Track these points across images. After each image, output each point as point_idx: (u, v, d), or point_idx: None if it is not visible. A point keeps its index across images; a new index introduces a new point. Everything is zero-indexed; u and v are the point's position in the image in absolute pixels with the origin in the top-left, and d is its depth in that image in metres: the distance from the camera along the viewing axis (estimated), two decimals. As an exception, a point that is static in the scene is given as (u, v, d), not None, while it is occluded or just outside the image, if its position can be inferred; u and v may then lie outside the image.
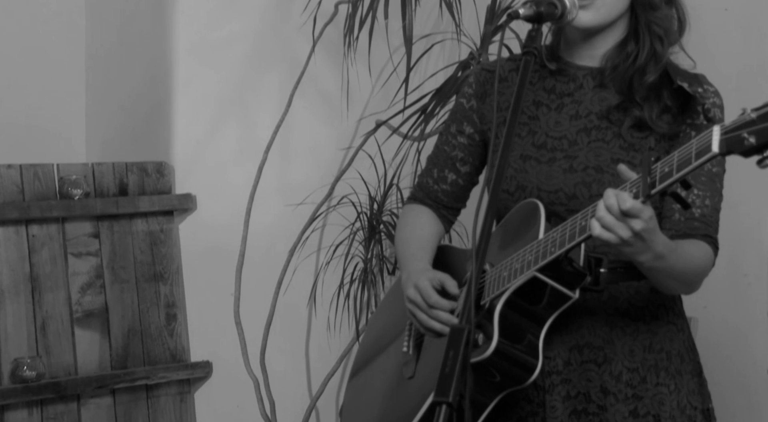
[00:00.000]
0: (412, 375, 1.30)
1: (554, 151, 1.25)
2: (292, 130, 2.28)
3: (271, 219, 2.28)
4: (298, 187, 2.30)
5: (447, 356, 0.88)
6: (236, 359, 2.21)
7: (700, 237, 1.22)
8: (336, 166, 2.32)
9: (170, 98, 2.22)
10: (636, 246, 1.10)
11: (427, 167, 1.38)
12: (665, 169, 1.05)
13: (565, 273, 1.16)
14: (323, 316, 2.30)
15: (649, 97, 1.24)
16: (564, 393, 1.23)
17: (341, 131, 2.34)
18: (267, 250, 2.28)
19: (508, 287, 1.18)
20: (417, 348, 1.31)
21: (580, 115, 1.26)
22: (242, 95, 2.26)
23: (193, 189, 2.24)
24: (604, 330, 1.25)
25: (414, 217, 1.37)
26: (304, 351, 2.35)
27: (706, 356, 1.34)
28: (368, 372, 1.40)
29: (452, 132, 1.35)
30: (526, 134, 1.27)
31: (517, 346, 1.17)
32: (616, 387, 1.24)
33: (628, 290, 1.25)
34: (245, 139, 2.28)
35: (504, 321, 1.17)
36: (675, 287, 1.22)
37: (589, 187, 1.23)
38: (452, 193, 1.36)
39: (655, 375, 1.25)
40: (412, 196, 1.40)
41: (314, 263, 2.32)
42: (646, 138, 1.23)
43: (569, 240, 1.13)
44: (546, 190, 1.24)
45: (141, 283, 2.13)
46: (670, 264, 1.14)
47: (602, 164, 1.23)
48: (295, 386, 2.32)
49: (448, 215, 1.39)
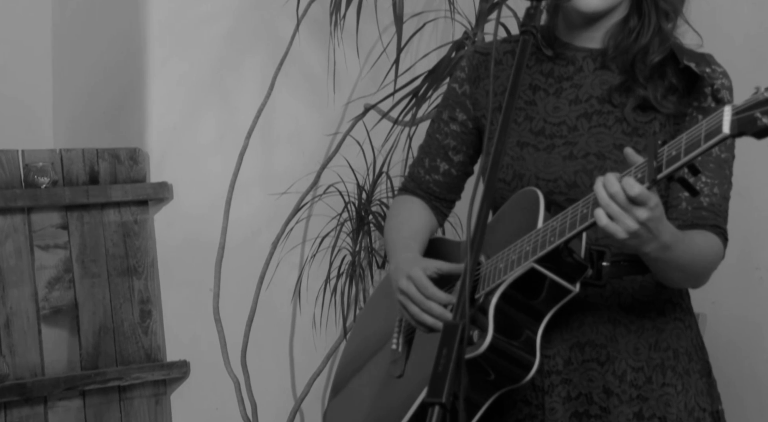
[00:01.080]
0: (401, 373, 1.29)
1: (553, 138, 1.24)
2: (274, 114, 2.25)
3: (253, 209, 2.26)
4: (282, 175, 2.28)
5: (440, 354, 0.87)
6: (215, 358, 2.19)
7: (708, 228, 1.20)
8: (322, 152, 2.30)
9: (144, 79, 2.18)
10: (641, 236, 1.08)
11: (419, 157, 1.36)
12: (672, 152, 1.03)
13: (565, 264, 1.14)
14: (308, 313, 2.29)
15: (653, 76, 1.22)
16: (564, 394, 1.22)
17: (327, 116, 2.31)
18: (248, 243, 2.26)
19: (504, 279, 1.16)
20: (407, 345, 1.30)
21: (580, 99, 1.24)
22: (222, 77, 2.24)
23: (169, 177, 2.21)
24: (606, 327, 1.23)
25: (404, 208, 1.36)
26: (287, 349, 2.33)
27: (714, 355, 1.33)
28: (355, 372, 1.39)
29: (444, 119, 1.33)
30: (523, 120, 1.26)
31: (513, 342, 1.15)
32: (619, 388, 1.22)
33: (633, 285, 1.23)
34: (225, 124, 2.26)
35: (499, 315, 1.15)
36: (681, 280, 1.20)
37: (591, 175, 1.21)
38: (445, 183, 1.35)
39: (662, 374, 1.23)
40: (403, 187, 1.38)
41: (299, 256, 2.32)
42: (651, 122, 1.22)
43: (570, 229, 1.11)
44: (545, 179, 1.22)
45: (113, 278, 2.11)
46: (676, 255, 1.13)
47: (604, 150, 1.22)
48: (278, 387, 2.31)
49: (442, 207, 1.37)
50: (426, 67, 2.13)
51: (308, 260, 2.25)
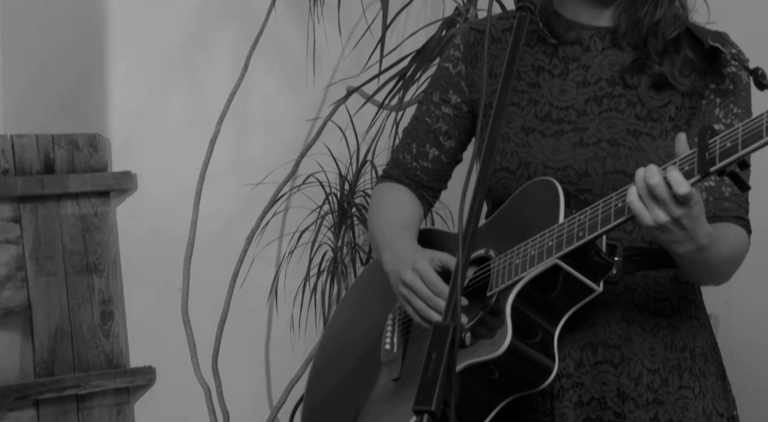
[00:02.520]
0: (398, 376, 1.26)
1: (561, 123, 1.22)
2: (248, 97, 2.22)
3: (225, 201, 2.25)
4: (257, 164, 2.26)
5: (429, 358, 0.86)
6: (184, 364, 2.16)
7: (732, 220, 1.19)
8: (300, 139, 2.29)
9: (105, 59, 2.15)
10: (671, 232, 1.06)
11: (404, 141, 1.34)
12: (727, 144, 1.00)
13: (591, 262, 1.12)
14: (286, 314, 2.27)
15: (667, 50, 1.21)
16: (576, 399, 1.20)
17: (306, 99, 2.30)
18: (220, 238, 2.25)
19: (524, 275, 1.13)
20: (403, 344, 1.27)
21: (588, 81, 1.22)
22: (190, 56, 2.21)
23: (133, 166, 2.19)
24: (620, 326, 1.21)
25: (390, 196, 1.33)
26: (263, 354, 2.32)
27: (728, 358, 1.31)
28: (336, 374, 1.36)
29: (435, 101, 1.31)
30: (527, 104, 1.24)
31: (531, 344, 1.13)
32: (635, 391, 1.20)
33: (646, 281, 1.21)
34: (194, 108, 2.23)
35: (516, 314, 1.13)
36: (710, 278, 1.19)
37: (603, 163, 1.19)
38: (433, 171, 1.32)
39: (678, 376, 1.21)
40: (385, 173, 1.36)
41: (275, 252, 2.29)
42: (666, 105, 1.20)
43: (602, 225, 1.09)
44: (553, 167, 1.20)
45: (71, 276, 2.07)
46: (711, 256, 1.11)
47: (617, 137, 1.20)
48: (252, 394, 2.29)
49: (428, 196, 1.35)
50: (414, 46, 2.11)
51: (286, 257, 2.24)
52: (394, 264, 1.23)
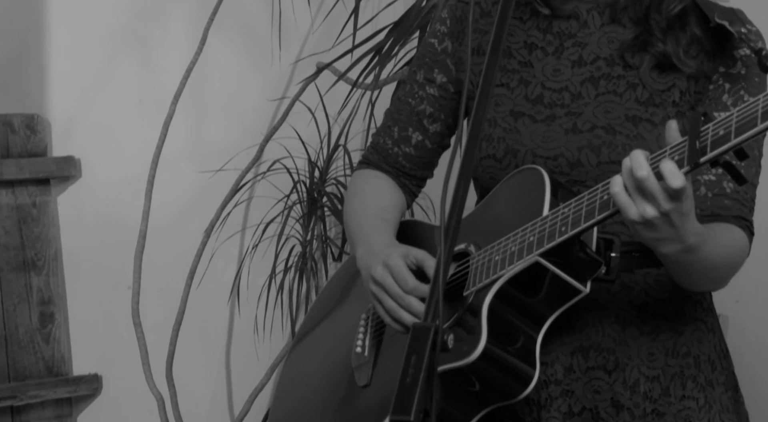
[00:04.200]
0: (368, 382, 1.24)
1: (553, 107, 1.20)
2: (207, 74, 2.19)
3: (181, 189, 2.21)
4: (216, 148, 2.22)
5: (408, 362, 0.84)
6: (134, 371, 2.11)
7: (732, 220, 1.16)
8: (265, 121, 2.26)
9: (43, 30, 2.10)
10: (658, 230, 1.03)
11: (386, 124, 1.31)
12: (720, 132, 0.97)
13: (576, 260, 1.09)
14: (249, 315, 2.23)
15: (672, 27, 1.17)
16: (565, 408, 1.17)
17: (272, 77, 2.26)
18: (175, 230, 2.21)
19: (502, 274, 1.11)
20: (375, 347, 1.26)
21: (585, 60, 1.20)
22: (141, 27, 2.17)
23: (77, 150, 2.13)
24: (615, 328, 1.18)
25: (369, 184, 1.31)
26: (223, 359, 2.27)
27: (738, 362, 1.29)
28: (307, 379, 1.34)
29: (419, 81, 1.28)
30: (517, 85, 1.21)
31: (510, 350, 1.11)
32: (631, 401, 1.17)
33: (646, 279, 1.18)
34: (146, 86, 2.19)
35: (493, 317, 1.11)
36: (701, 284, 1.17)
37: (598, 152, 1.16)
38: (417, 157, 1.30)
39: (681, 385, 1.19)
40: (365, 159, 1.34)
41: (237, 246, 2.26)
42: (669, 90, 1.17)
43: (586, 219, 1.06)
44: (543, 156, 1.18)
45: (5, 273, 2.05)
46: (700, 258, 1.08)
47: (614, 123, 1.17)
48: (211, 404, 2.27)
49: (411, 185, 1.32)
50: (390, 18, 2.08)
51: (249, 251, 2.20)
52: (366, 259, 1.21)
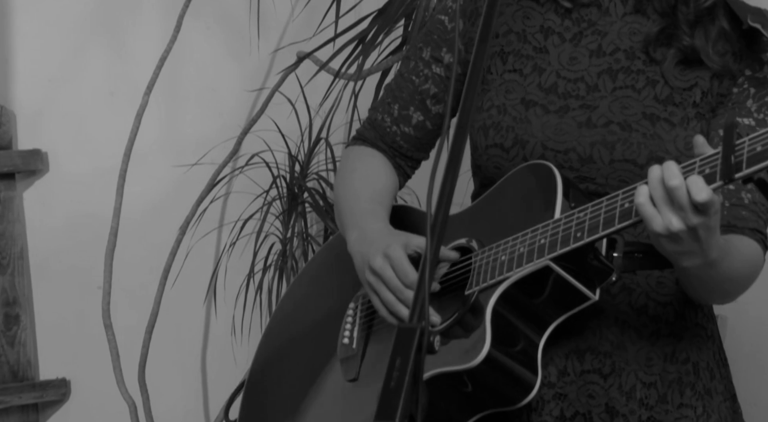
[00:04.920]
0: (356, 376, 1.23)
1: (567, 98, 1.18)
2: (182, 64, 2.15)
3: (155, 184, 2.19)
4: (192, 141, 2.19)
5: (392, 365, 0.83)
6: (104, 375, 2.07)
7: (747, 232, 1.15)
8: (243, 113, 2.22)
9: (8, 17, 2.07)
10: (683, 243, 1.03)
11: (385, 100, 1.29)
12: (757, 148, 0.97)
13: (589, 267, 1.09)
14: (226, 316, 2.18)
15: (700, 20, 1.16)
16: (557, 412, 1.16)
17: (250, 67, 2.22)
18: (149, 227, 2.18)
19: (509, 276, 1.10)
20: (364, 340, 1.24)
21: (604, 50, 1.18)
22: (112, 14, 2.14)
23: (44, 143, 2.11)
24: (612, 331, 1.17)
25: (363, 163, 1.29)
26: (199, 363, 2.24)
27: (736, 366, 1.29)
28: (283, 366, 1.32)
29: (425, 58, 1.26)
30: (531, 72, 1.19)
31: (513, 355, 1.11)
32: (626, 407, 1.16)
33: (648, 281, 1.17)
34: (117, 76, 2.16)
35: (498, 320, 1.10)
36: (713, 297, 1.17)
37: (612, 149, 1.15)
38: (416, 138, 1.28)
39: (679, 393, 1.17)
40: (359, 135, 1.31)
41: (214, 244, 2.23)
42: (691, 88, 1.16)
43: (605, 226, 1.05)
44: (553, 149, 1.17)
45: None
46: (718, 273, 1.08)
47: (630, 119, 1.16)
48: (186, 410, 2.23)
49: (406, 166, 1.30)
50: (374, 5, 2.03)
51: (226, 249, 2.15)
52: (361, 245, 1.19)
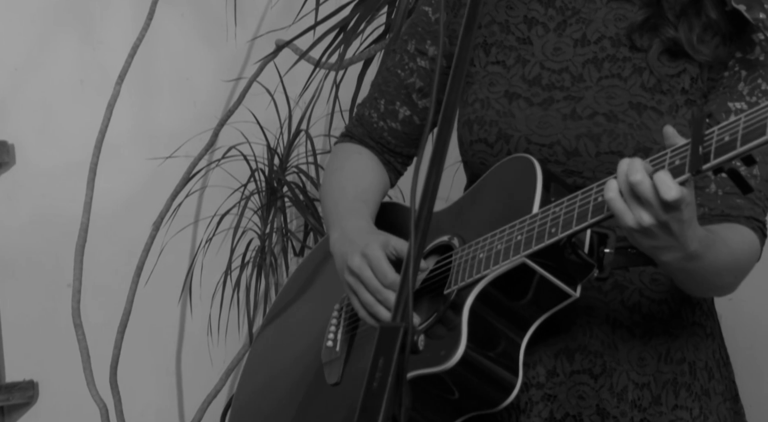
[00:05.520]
0: (338, 380, 1.23)
1: (551, 89, 1.18)
2: (155, 52, 2.14)
3: (127, 178, 2.17)
4: (166, 133, 2.18)
5: (375, 365, 0.83)
6: (74, 377, 2.06)
7: (743, 221, 1.14)
8: (220, 104, 2.20)
9: None
10: (656, 237, 1.03)
11: (372, 96, 1.30)
12: (725, 138, 0.96)
13: (567, 263, 1.08)
14: (202, 315, 2.15)
15: (686, 12, 1.15)
16: (546, 414, 1.16)
17: (226, 56, 2.21)
18: (121, 223, 2.17)
19: (486, 274, 1.10)
20: (347, 343, 1.25)
21: (589, 39, 1.18)
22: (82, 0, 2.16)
23: (9, 135, 2.12)
24: (604, 329, 1.16)
25: (350, 160, 1.30)
26: (174, 363, 2.21)
27: (733, 365, 1.25)
28: (272, 370, 1.32)
29: (410, 51, 1.27)
30: (514, 63, 1.20)
31: (491, 356, 1.10)
32: (618, 409, 1.15)
33: (641, 278, 1.17)
34: (87, 65, 2.15)
35: (475, 320, 1.10)
36: (705, 290, 1.16)
37: (597, 141, 1.15)
38: (403, 134, 1.28)
39: (674, 394, 1.17)
40: (347, 132, 1.32)
41: (190, 240, 2.20)
42: (679, 75, 1.16)
43: (578, 221, 1.05)
44: (538, 143, 1.17)
45: None
46: (704, 265, 1.07)
47: (617, 110, 1.16)
48: (160, 413, 2.21)
49: (396, 163, 1.30)
50: None
51: (202, 246, 2.12)
52: (341, 245, 1.19)
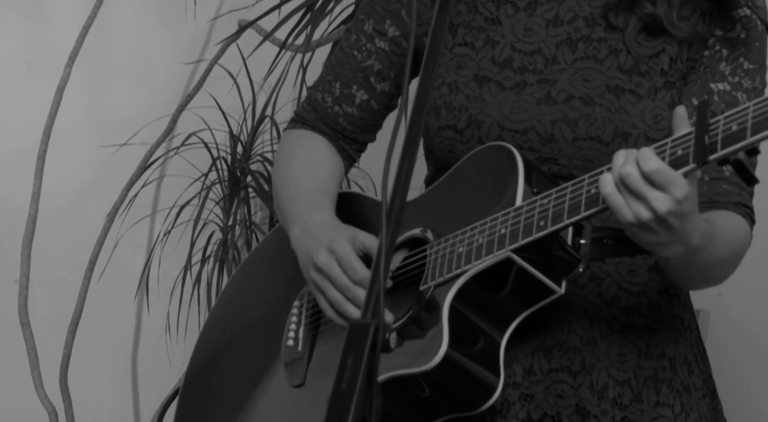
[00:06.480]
0: (301, 382, 1.23)
1: (524, 72, 1.19)
2: (108, 32, 2.11)
3: (78, 167, 2.14)
4: (120, 118, 2.15)
5: (344, 365, 0.82)
6: (21, 378, 2.04)
7: (731, 207, 1.15)
8: (179, 88, 2.17)
9: None
10: (656, 233, 1.02)
11: (325, 78, 1.30)
12: (732, 127, 0.96)
13: (554, 258, 1.08)
14: (160, 312, 2.14)
15: None
16: (523, 415, 1.16)
17: (186, 36, 2.18)
18: (72, 214, 2.14)
19: (467, 269, 1.10)
20: (310, 342, 1.24)
21: (562, 19, 1.19)
22: None
23: None
24: (582, 325, 1.18)
25: (303, 148, 1.29)
26: (129, 364, 2.18)
27: (720, 364, 1.30)
28: (220, 371, 1.32)
29: (367, 31, 1.26)
30: (483, 45, 1.20)
31: (473, 356, 1.11)
32: (598, 408, 1.16)
33: (618, 270, 1.18)
34: (34, 45, 2.11)
35: (455, 318, 1.10)
36: (699, 283, 1.17)
37: (574, 127, 1.15)
38: (360, 119, 1.28)
39: (655, 391, 1.17)
40: (298, 117, 1.32)
41: (146, 233, 2.17)
42: (657, 55, 1.17)
43: (570, 214, 1.05)
44: (511, 129, 1.17)
45: None
46: (703, 259, 1.08)
47: (593, 93, 1.16)
48: (114, 417, 2.19)
49: (351, 150, 1.30)
50: None
51: (160, 239, 2.11)
52: (305, 241, 1.18)
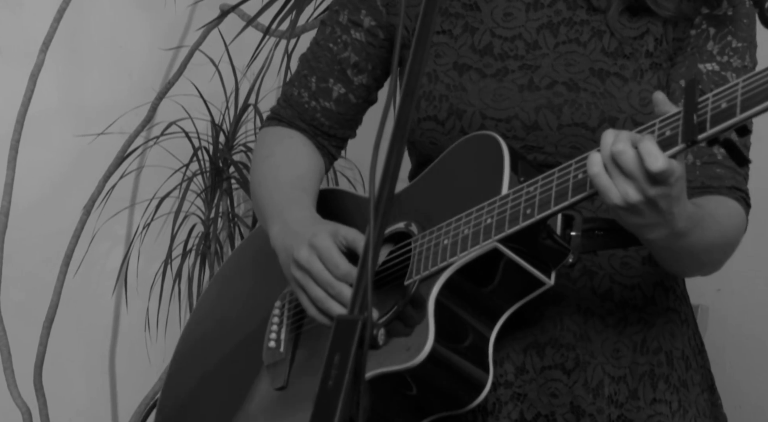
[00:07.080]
0: (284, 384, 1.23)
1: (505, 59, 1.20)
2: (84, 16, 2.11)
3: (53, 157, 2.13)
4: (97, 106, 2.14)
5: (330, 362, 0.82)
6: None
7: (725, 191, 1.15)
8: (158, 75, 2.17)
9: None
10: (643, 214, 1.03)
11: (301, 73, 1.30)
12: (722, 105, 0.97)
13: (542, 248, 1.08)
14: (139, 308, 2.14)
15: None
16: (516, 415, 1.17)
17: (165, 21, 2.18)
18: (47, 206, 2.14)
19: (453, 261, 1.10)
20: (293, 343, 1.25)
21: (542, 2, 1.20)
22: None
23: None
24: (575, 320, 1.17)
25: (281, 146, 1.30)
26: (107, 362, 2.17)
27: (719, 360, 1.30)
28: (200, 375, 1.32)
29: (342, 23, 1.27)
30: (462, 32, 1.21)
31: (460, 352, 1.11)
32: (593, 406, 1.16)
33: (611, 263, 1.18)
34: (7, 31, 2.10)
35: (442, 312, 1.10)
36: (691, 269, 1.16)
37: (559, 113, 1.16)
38: (338, 114, 1.29)
39: (651, 387, 1.18)
40: (275, 114, 1.32)
41: (125, 226, 2.18)
42: (642, 37, 1.17)
43: (557, 200, 1.05)
44: (494, 117, 1.18)
45: None
46: (691, 243, 1.07)
47: (577, 78, 1.17)
48: (91, 417, 2.17)
49: (330, 146, 1.31)
50: None
51: (139, 232, 2.11)
52: (284, 238, 1.19)
